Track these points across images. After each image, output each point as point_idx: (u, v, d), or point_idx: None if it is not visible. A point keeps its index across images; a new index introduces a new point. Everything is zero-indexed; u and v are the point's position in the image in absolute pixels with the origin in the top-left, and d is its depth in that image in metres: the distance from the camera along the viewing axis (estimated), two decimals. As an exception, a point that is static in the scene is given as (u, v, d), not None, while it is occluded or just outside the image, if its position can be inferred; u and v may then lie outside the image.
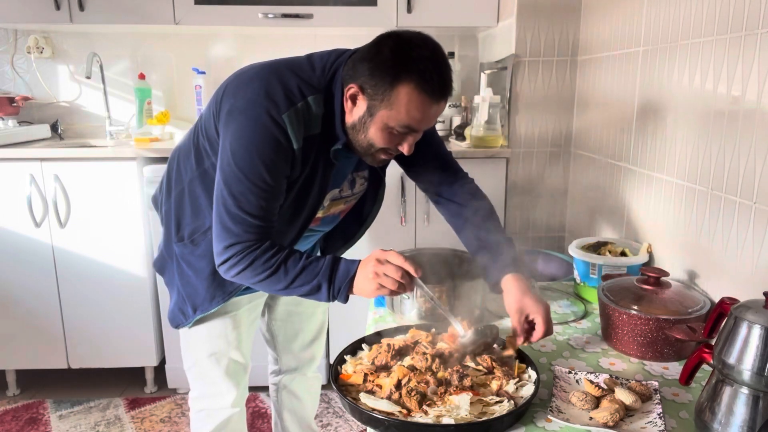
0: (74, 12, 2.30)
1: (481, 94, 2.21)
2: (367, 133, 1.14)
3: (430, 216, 2.24)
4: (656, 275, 1.30)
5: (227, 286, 1.26)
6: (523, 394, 1.04)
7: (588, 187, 2.10)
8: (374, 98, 1.09)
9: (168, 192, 1.32)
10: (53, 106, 2.74)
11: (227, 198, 1.10)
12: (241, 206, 1.09)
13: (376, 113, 1.10)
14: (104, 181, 2.19)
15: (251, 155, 1.09)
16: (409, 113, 1.08)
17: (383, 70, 1.07)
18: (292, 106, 1.10)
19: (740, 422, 0.89)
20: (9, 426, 2.19)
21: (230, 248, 1.11)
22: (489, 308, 1.51)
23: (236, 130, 1.10)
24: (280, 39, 2.67)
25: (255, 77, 1.15)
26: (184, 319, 1.31)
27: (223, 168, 1.11)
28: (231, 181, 1.10)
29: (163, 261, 1.36)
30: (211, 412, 1.41)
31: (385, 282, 1.07)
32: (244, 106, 1.11)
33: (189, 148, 1.27)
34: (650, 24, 1.62)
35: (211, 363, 1.36)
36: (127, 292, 2.26)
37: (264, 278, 1.11)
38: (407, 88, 1.06)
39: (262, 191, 1.10)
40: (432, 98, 1.08)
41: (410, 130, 1.13)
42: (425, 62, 1.06)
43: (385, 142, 1.14)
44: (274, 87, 1.12)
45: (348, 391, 1.06)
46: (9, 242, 2.22)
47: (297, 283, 1.11)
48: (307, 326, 1.61)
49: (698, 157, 1.40)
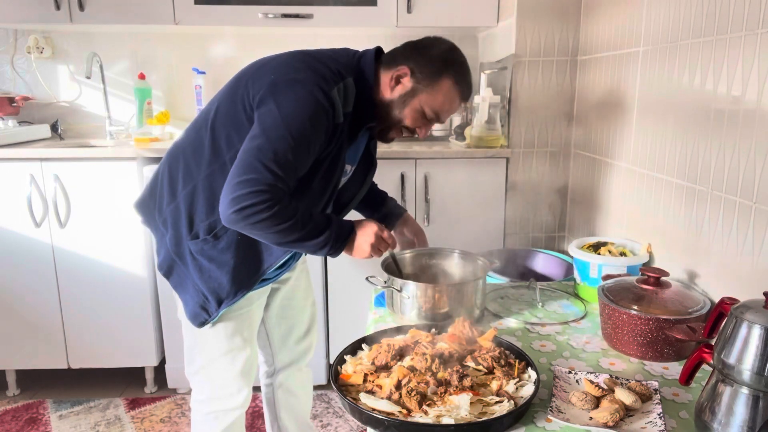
0: (74, 12, 2.30)
1: (481, 94, 2.21)
2: (402, 110, 1.31)
3: (430, 216, 2.24)
4: (656, 275, 1.30)
5: (252, 276, 1.30)
6: (523, 394, 1.03)
7: (588, 187, 2.10)
8: (420, 82, 1.28)
9: (172, 193, 1.31)
10: (53, 106, 2.74)
11: (265, 150, 1.14)
12: (278, 161, 1.14)
13: (417, 95, 1.29)
14: (104, 181, 2.19)
15: (302, 119, 1.15)
16: (443, 102, 1.30)
17: (435, 62, 1.28)
18: (338, 83, 1.22)
19: (740, 422, 0.89)
20: (9, 426, 2.19)
21: (260, 194, 1.12)
22: (488, 308, 1.51)
23: (287, 98, 1.16)
24: (280, 39, 2.67)
25: (293, 59, 1.24)
26: (209, 316, 1.32)
27: (265, 125, 1.16)
28: (275, 135, 1.14)
29: (172, 263, 1.34)
30: (219, 414, 1.41)
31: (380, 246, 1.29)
32: (293, 80, 1.18)
33: (199, 145, 1.28)
34: (650, 24, 1.62)
35: (226, 362, 1.38)
36: (127, 292, 2.26)
37: (284, 227, 1.16)
38: (450, 81, 1.29)
39: (299, 154, 1.16)
40: (461, 96, 1.32)
41: (436, 117, 1.33)
42: (465, 67, 1.32)
43: (413, 121, 1.32)
44: (318, 66, 1.22)
45: (348, 391, 1.06)
46: (9, 242, 2.22)
47: (308, 235, 1.20)
48: (300, 318, 1.63)
49: (698, 157, 1.40)
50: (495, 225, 2.29)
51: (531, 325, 1.41)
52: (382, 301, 1.54)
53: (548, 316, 1.47)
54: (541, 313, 1.49)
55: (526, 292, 1.64)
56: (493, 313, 1.49)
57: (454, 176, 2.22)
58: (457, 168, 2.22)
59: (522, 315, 1.48)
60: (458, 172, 2.22)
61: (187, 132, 1.34)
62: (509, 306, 1.54)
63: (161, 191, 1.35)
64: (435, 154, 2.21)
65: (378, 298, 1.56)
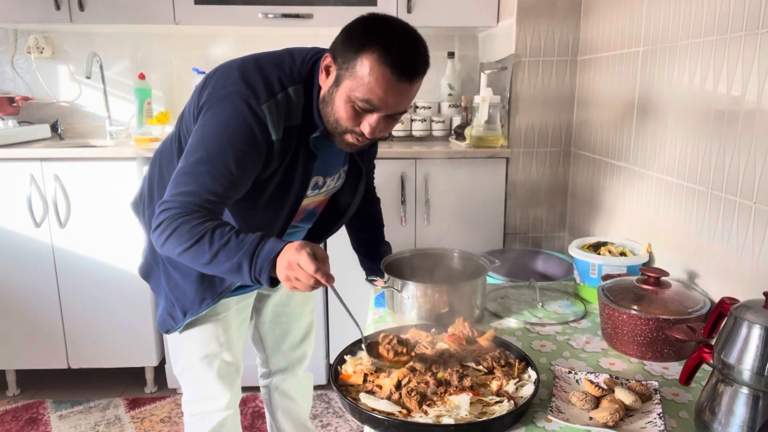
0: (74, 12, 2.30)
1: (481, 94, 2.21)
2: (333, 106, 1.12)
3: (430, 216, 2.24)
4: (656, 275, 1.30)
5: (216, 288, 1.24)
6: (523, 394, 1.03)
7: (588, 187, 2.10)
8: (342, 67, 1.09)
9: (151, 197, 1.30)
10: (53, 106, 2.74)
11: (184, 172, 1.08)
12: (195, 183, 1.07)
13: (341, 83, 1.09)
14: (104, 181, 2.19)
15: (222, 142, 1.08)
16: (369, 85, 1.05)
17: (352, 38, 1.08)
18: (272, 97, 1.11)
19: (740, 422, 0.89)
20: (9, 426, 2.19)
21: (163, 213, 1.07)
22: (488, 308, 1.51)
23: (213, 116, 1.10)
24: (280, 39, 2.65)
25: (235, 69, 1.16)
26: (174, 324, 1.30)
27: (191, 144, 1.10)
28: (193, 158, 1.08)
29: (149, 267, 1.34)
30: (205, 415, 1.39)
31: (297, 285, 1.02)
32: (224, 95, 1.11)
33: (172, 153, 1.25)
34: (650, 24, 1.62)
35: (203, 366, 1.34)
36: (127, 291, 2.26)
37: (188, 247, 1.04)
38: (370, 58, 1.04)
39: (221, 176, 1.08)
40: (394, 74, 1.05)
41: (371, 107, 1.08)
42: (394, 38, 1.06)
43: (348, 118, 1.11)
44: (254, 78, 1.12)
45: (348, 391, 1.06)
46: (9, 242, 2.22)
47: (220, 257, 1.03)
48: (296, 326, 1.60)
49: (698, 157, 1.40)
50: (495, 225, 2.29)
51: (531, 325, 1.41)
52: (382, 301, 1.54)
53: (548, 316, 1.47)
54: (541, 313, 1.49)
55: (526, 292, 1.64)
56: (493, 313, 1.49)
57: (454, 176, 2.22)
58: (457, 168, 2.22)
59: (522, 315, 1.48)
60: (458, 172, 2.22)
61: (166, 138, 1.32)
62: (509, 306, 1.54)
63: (144, 194, 1.34)
64: (435, 154, 2.21)
65: (378, 298, 1.56)
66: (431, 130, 2.59)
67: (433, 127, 2.58)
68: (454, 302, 1.36)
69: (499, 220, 2.29)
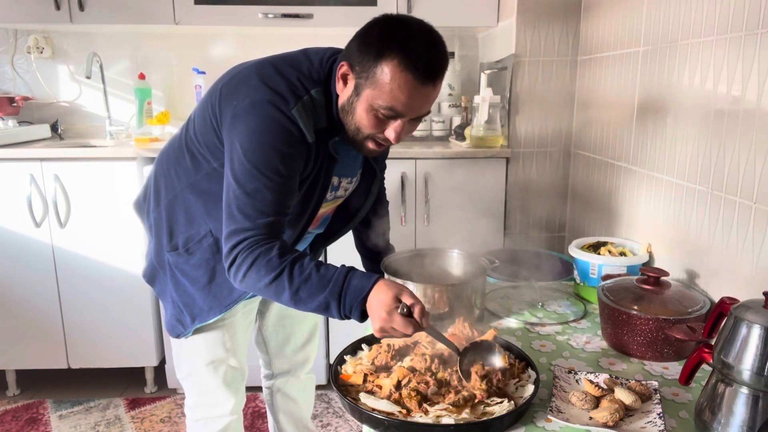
0: (74, 12, 2.30)
1: (481, 94, 2.21)
2: (354, 115, 1.09)
3: (430, 216, 2.24)
4: (656, 275, 1.30)
5: (225, 297, 1.23)
6: (523, 394, 1.04)
7: (588, 187, 2.10)
8: (361, 76, 1.05)
9: (157, 200, 1.27)
10: (53, 106, 2.74)
11: (240, 196, 1.04)
12: (255, 204, 1.04)
13: (362, 92, 1.06)
14: (104, 181, 2.19)
15: (264, 149, 1.04)
16: (392, 93, 1.03)
17: (369, 44, 1.04)
18: (299, 100, 1.07)
19: (740, 422, 0.89)
20: (9, 426, 2.19)
21: (237, 246, 1.04)
22: (488, 308, 1.51)
23: (246, 129, 1.06)
24: (280, 39, 2.67)
25: (253, 74, 1.11)
26: (183, 329, 1.28)
27: (234, 168, 1.06)
28: (244, 179, 1.04)
29: (154, 271, 1.32)
30: (208, 420, 1.38)
31: (392, 334, 1.01)
32: (250, 105, 1.07)
33: (181, 154, 1.22)
34: (650, 24, 1.62)
35: (209, 372, 1.33)
36: (127, 292, 2.26)
37: (268, 282, 1.02)
38: (391, 65, 1.01)
39: (277, 185, 1.05)
40: (417, 78, 1.02)
41: (395, 114, 1.06)
42: (413, 40, 1.02)
43: (371, 125, 1.08)
44: (276, 82, 1.08)
45: (348, 391, 1.06)
46: (9, 242, 2.22)
47: (302, 294, 1.01)
48: (299, 329, 1.59)
49: (698, 157, 1.40)
50: (495, 225, 2.29)
51: (531, 325, 1.41)
52: (382, 301, 1.53)
53: (548, 316, 1.47)
54: (541, 313, 1.49)
55: (526, 292, 1.64)
56: (493, 313, 1.49)
57: (454, 176, 2.22)
58: (457, 168, 2.22)
59: (522, 315, 1.48)
60: (458, 172, 2.22)
61: (173, 137, 1.29)
62: (509, 306, 1.54)
63: (150, 195, 1.31)
64: (435, 154, 2.21)
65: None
66: (431, 130, 2.59)
67: (433, 127, 2.58)
68: (454, 302, 1.36)
69: (499, 220, 2.29)
